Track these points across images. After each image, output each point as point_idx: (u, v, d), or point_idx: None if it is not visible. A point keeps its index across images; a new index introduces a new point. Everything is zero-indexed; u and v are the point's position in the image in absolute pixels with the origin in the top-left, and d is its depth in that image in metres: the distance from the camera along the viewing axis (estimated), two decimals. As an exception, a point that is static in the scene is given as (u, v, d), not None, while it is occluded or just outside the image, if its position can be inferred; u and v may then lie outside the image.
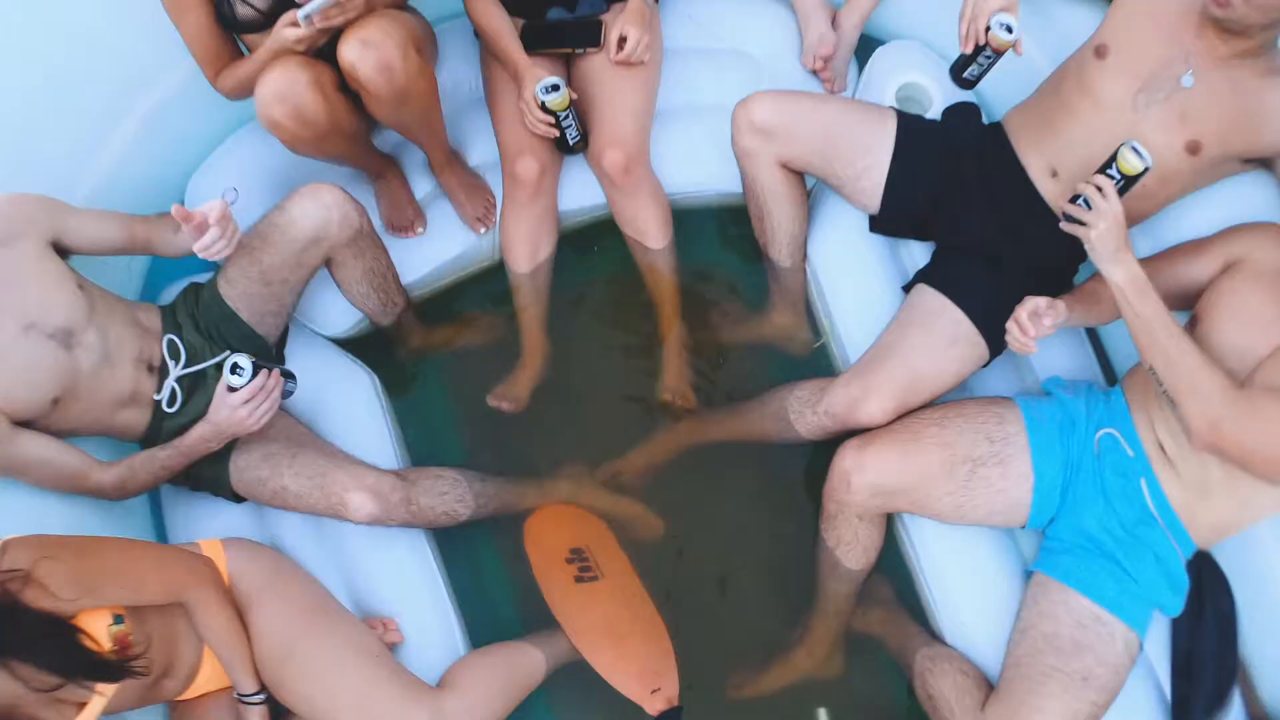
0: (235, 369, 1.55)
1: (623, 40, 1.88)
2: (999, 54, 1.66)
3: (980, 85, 1.93)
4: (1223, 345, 1.57)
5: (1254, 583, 1.68)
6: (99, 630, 1.34)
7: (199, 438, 1.60)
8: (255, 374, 1.54)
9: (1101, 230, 1.50)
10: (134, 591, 1.42)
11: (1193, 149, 1.67)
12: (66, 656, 1.31)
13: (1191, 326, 1.64)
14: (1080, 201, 1.54)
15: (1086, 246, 1.52)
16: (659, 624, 1.77)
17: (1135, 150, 1.53)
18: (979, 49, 1.65)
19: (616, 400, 2.06)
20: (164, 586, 1.45)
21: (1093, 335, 2.00)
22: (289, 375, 1.65)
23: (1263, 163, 1.72)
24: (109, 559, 1.42)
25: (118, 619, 1.38)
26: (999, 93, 2.04)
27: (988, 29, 1.62)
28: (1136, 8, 1.71)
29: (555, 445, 2.01)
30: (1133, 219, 1.76)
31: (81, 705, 1.31)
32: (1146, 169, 1.52)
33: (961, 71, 1.72)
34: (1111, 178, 1.55)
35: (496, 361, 2.06)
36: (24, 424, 1.53)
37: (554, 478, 1.94)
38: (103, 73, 1.91)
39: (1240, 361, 1.56)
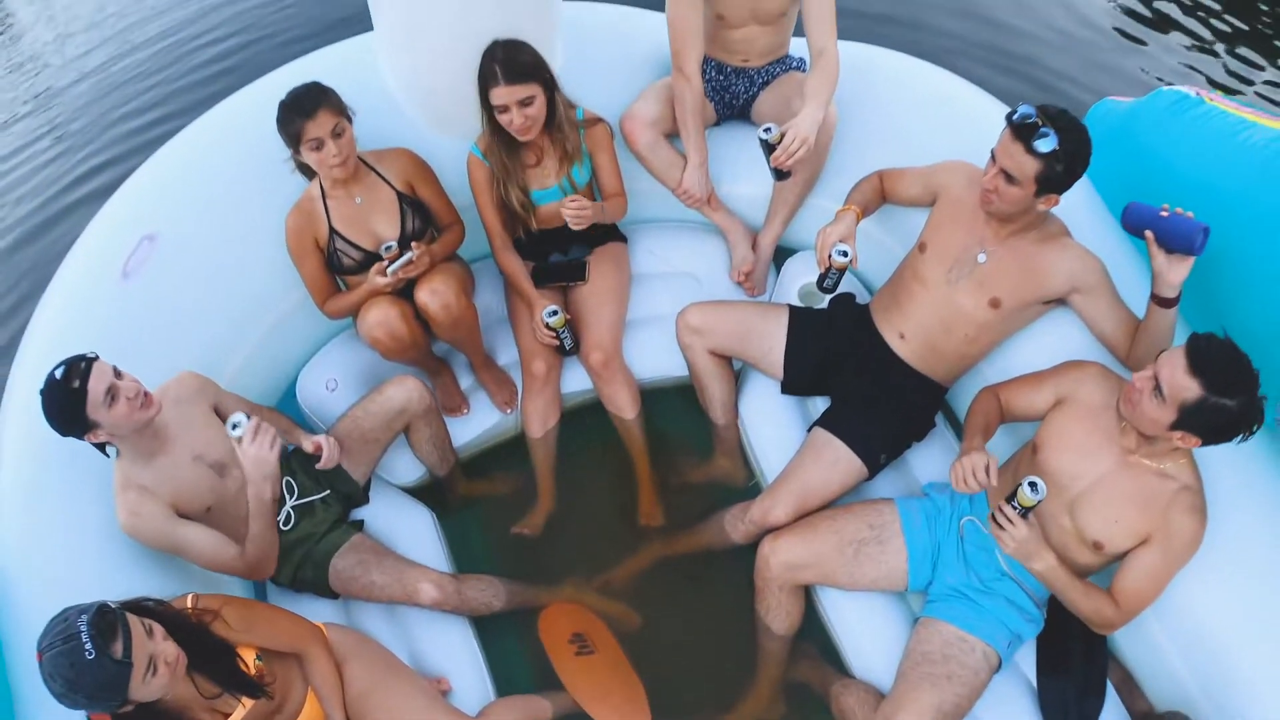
0: (234, 426, 2.08)
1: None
2: (841, 271, 2.39)
3: (864, 269, 2.79)
4: (1059, 470, 2.11)
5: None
6: (249, 660, 1.90)
7: (254, 495, 2.14)
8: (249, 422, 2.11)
9: (1012, 549, 2.04)
10: (274, 637, 2.01)
11: (994, 304, 2.33)
12: (229, 673, 1.85)
13: (1033, 452, 2.20)
14: (995, 513, 2.05)
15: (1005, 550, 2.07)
16: (638, 685, 2.40)
17: (1031, 485, 1.97)
18: (828, 269, 2.40)
19: (605, 526, 2.75)
20: (292, 638, 2.05)
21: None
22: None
23: (1060, 301, 2.34)
24: (263, 613, 2.07)
25: (259, 656, 1.93)
26: (877, 274, 2.84)
27: (830, 256, 2.38)
28: (943, 215, 2.42)
29: (562, 560, 2.66)
30: (975, 358, 2.49)
31: (226, 715, 1.84)
32: (1039, 500, 1.97)
33: (821, 283, 2.45)
34: (1015, 507, 2.01)
35: (519, 502, 2.77)
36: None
37: (561, 584, 2.59)
38: (243, 295, 2.67)
39: (1073, 481, 2.10)
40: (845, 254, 2.37)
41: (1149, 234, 2.10)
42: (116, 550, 2.19)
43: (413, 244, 2.50)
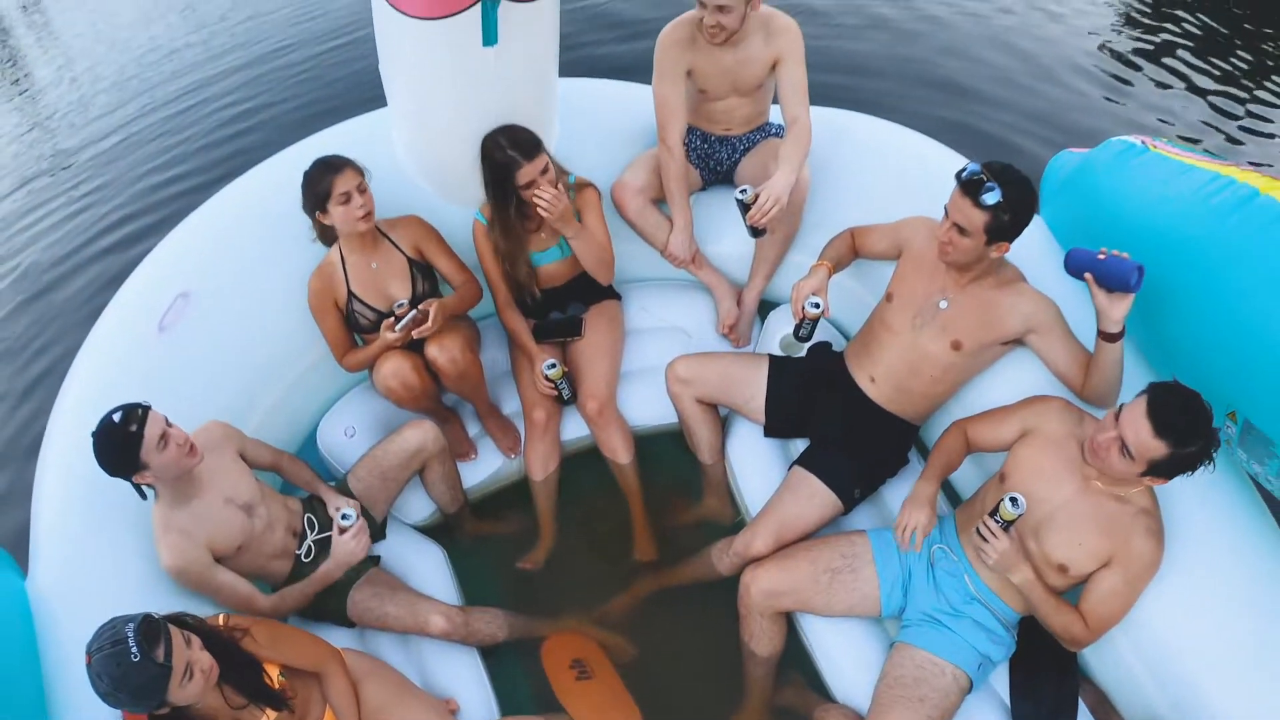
0: (344, 516, 2.48)
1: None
2: (815, 321, 2.61)
3: (841, 319, 3.00)
4: (1028, 496, 2.23)
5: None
6: (274, 675, 2.09)
7: (325, 570, 2.51)
8: (356, 519, 2.48)
9: (995, 560, 2.23)
10: (298, 656, 2.20)
11: (956, 346, 2.53)
12: (256, 686, 2.03)
13: (1000, 481, 2.37)
14: (979, 526, 2.24)
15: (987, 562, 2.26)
16: (634, 708, 2.58)
17: (1013, 500, 2.16)
18: (802, 319, 2.61)
19: (602, 562, 2.95)
20: (314, 657, 2.24)
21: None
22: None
23: (1019, 341, 2.52)
24: (289, 633, 2.28)
25: (283, 672, 2.12)
26: (854, 324, 3.04)
27: (804, 307, 2.58)
28: (908, 267, 2.63)
29: (563, 593, 2.85)
30: (942, 397, 2.67)
31: None
32: (1020, 515, 2.17)
33: (797, 333, 2.66)
34: (997, 521, 2.20)
35: (523, 539, 2.98)
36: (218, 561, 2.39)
37: (562, 615, 2.78)
38: (268, 350, 2.92)
39: (1038, 506, 2.25)
40: (817, 305, 2.59)
41: (1089, 276, 2.28)
42: (148, 578, 2.39)
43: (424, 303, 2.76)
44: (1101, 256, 2.26)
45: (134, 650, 1.76)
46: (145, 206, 5.67)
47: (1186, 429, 2.02)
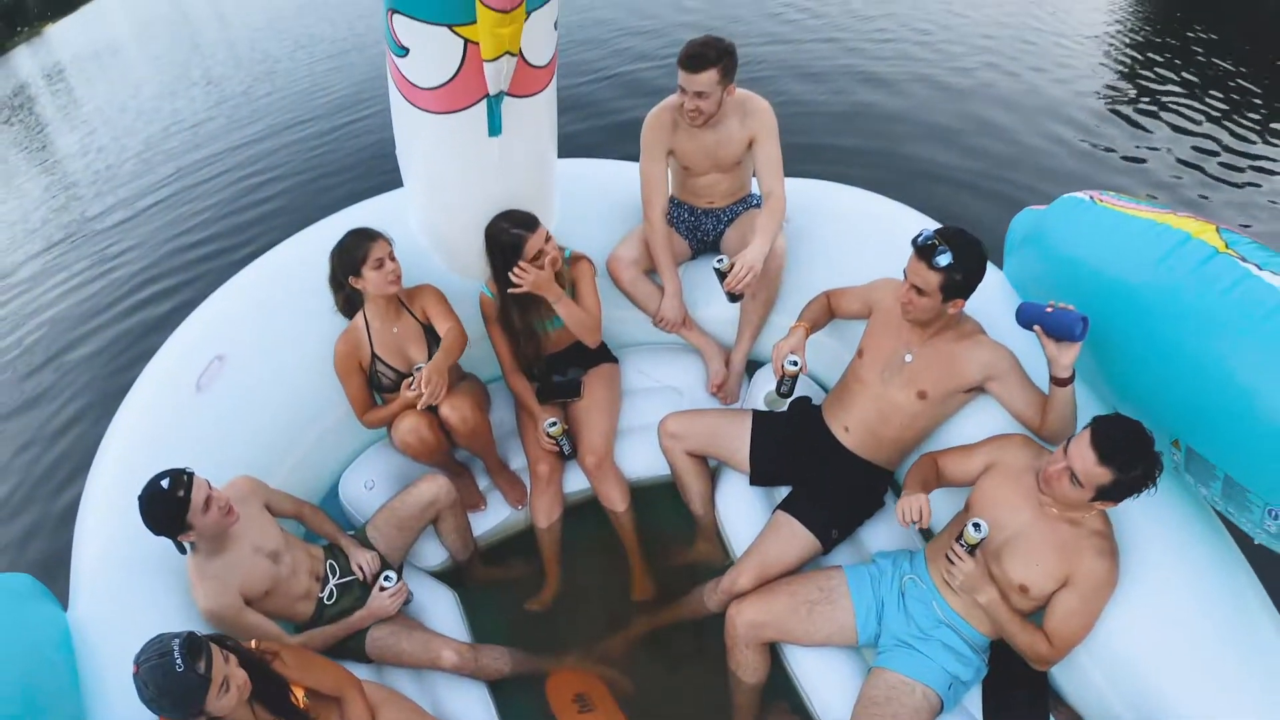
0: (387, 578, 2.79)
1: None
2: (794, 378, 2.84)
3: (822, 375, 3.21)
4: (990, 523, 2.42)
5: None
6: (299, 696, 2.30)
7: (359, 617, 2.79)
8: (397, 581, 2.81)
9: (960, 581, 2.44)
10: (322, 680, 2.42)
11: (922, 395, 2.75)
12: (283, 705, 2.25)
13: (966, 511, 2.57)
14: (948, 552, 2.43)
15: (954, 584, 2.47)
16: None
17: (975, 526, 2.33)
18: (782, 376, 2.84)
19: (602, 602, 3.16)
20: (335, 682, 2.46)
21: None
22: (409, 593, 2.94)
23: (980, 389, 2.71)
24: (314, 660, 2.51)
25: (306, 695, 2.33)
26: (833, 380, 3.22)
27: (783, 365, 2.80)
28: (876, 324, 2.87)
29: (566, 631, 3.07)
30: (911, 443, 2.87)
31: None
32: (983, 538, 2.34)
33: (778, 389, 2.89)
34: (962, 545, 2.38)
35: (529, 583, 3.22)
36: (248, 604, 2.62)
37: (565, 651, 3.00)
38: (296, 409, 3.19)
39: (998, 533, 2.44)
40: (795, 363, 2.83)
41: (1038, 328, 2.46)
42: (180, 615, 2.60)
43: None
44: (1049, 309, 2.43)
45: (178, 661, 1.96)
46: (170, 269, 6.05)
47: (1129, 456, 2.20)
